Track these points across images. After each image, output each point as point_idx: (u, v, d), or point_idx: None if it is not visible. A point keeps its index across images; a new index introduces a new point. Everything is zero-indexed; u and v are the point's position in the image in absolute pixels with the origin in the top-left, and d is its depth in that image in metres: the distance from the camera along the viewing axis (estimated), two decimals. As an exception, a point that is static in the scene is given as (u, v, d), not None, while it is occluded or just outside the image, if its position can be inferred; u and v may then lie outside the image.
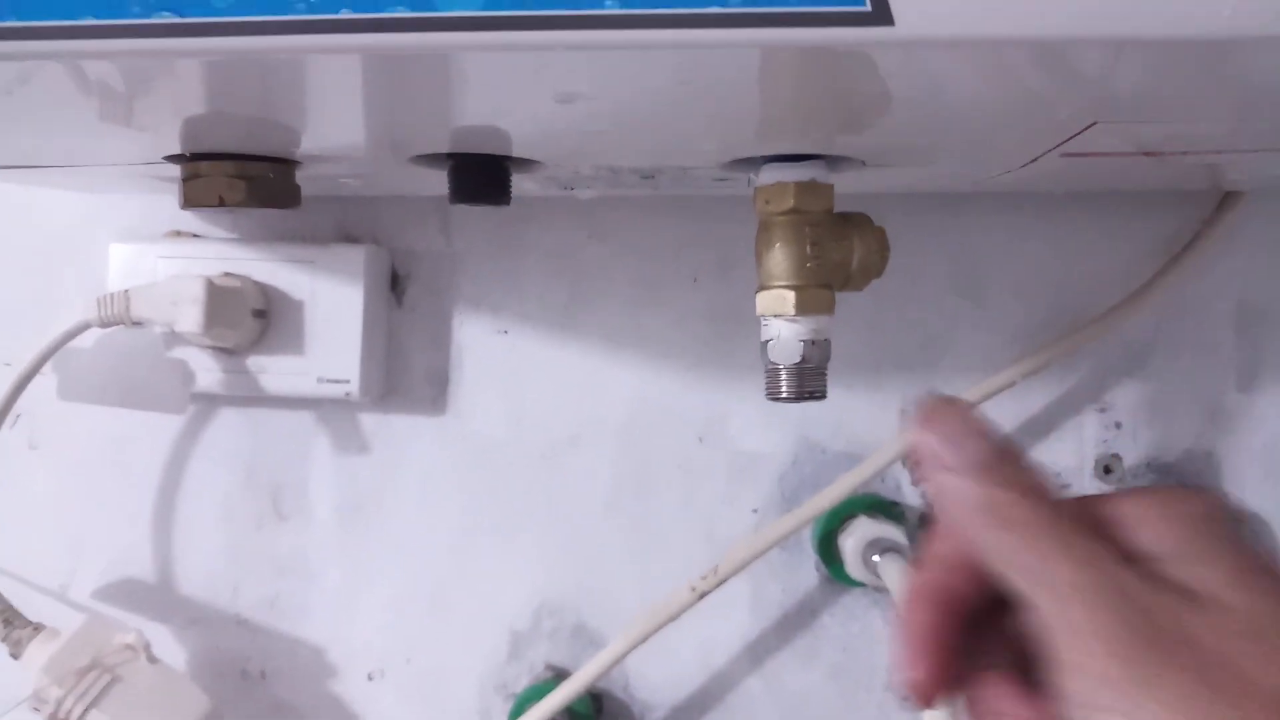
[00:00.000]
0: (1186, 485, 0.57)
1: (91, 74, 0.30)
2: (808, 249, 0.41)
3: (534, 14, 0.26)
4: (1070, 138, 0.36)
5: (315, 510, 0.62)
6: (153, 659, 0.55)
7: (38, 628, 0.56)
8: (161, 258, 0.59)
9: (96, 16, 0.27)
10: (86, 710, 0.52)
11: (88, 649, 0.54)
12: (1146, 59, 0.28)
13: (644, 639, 0.54)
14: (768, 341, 0.42)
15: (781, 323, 0.41)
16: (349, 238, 0.61)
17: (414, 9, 0.26)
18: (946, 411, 0.32)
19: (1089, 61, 0.28)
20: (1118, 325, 0.56)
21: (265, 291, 0.58)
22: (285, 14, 0.27)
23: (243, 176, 0.42)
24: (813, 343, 0.41)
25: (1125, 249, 0.57)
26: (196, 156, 0.42)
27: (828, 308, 0.41)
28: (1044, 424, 0.58)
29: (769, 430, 0.59)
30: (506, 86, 0.31)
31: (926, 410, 0.32)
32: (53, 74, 0.30)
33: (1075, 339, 0.56)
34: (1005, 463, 0.30)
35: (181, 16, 0.27)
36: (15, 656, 0.55)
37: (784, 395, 0.41)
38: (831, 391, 0.44)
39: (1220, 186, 0.55)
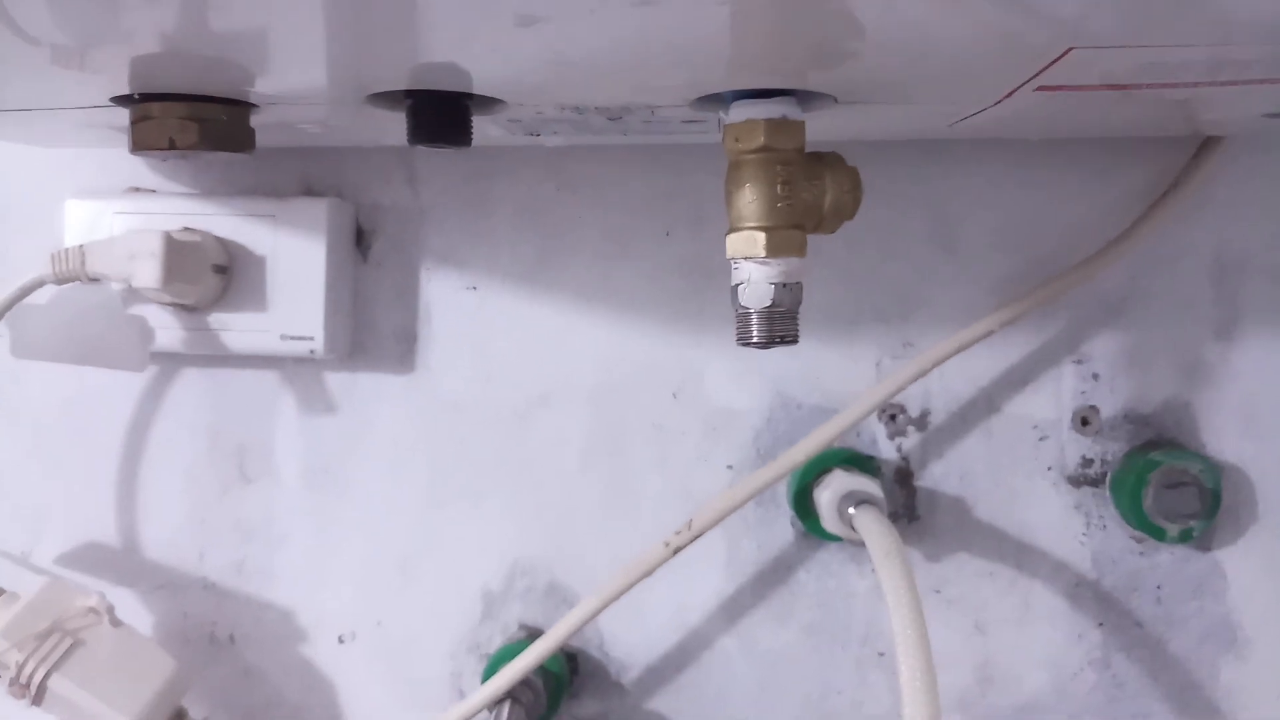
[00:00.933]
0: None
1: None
2: (779, 189, 0.40)
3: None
4: (1046, 67, 0.35)
5: (282, 472, 0.60)
6: (116, 622, 0.54)
7: (-3, 592, 0.54)
8: (119, 213, 0.57)
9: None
10: (48, 674, 0.51)
11: (48, 612, 0.53)
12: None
13: (618, 595, 0.53)
14: (738, 285, 0.41)
15: (752, 265, 0.40)
16: (312, 191, 0.59)
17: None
18: None
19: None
20: (1095, 275, 0.56)
21: (226, 247, 0.56)
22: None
23: (195, 118, 0.41)
24: (784, 285, 0.40)
25: (1103, 197, 0.57)
26: (146, 98, 0.41)
27: (799, 249, 0.40)
28: (1021, 375, 0.57)
29: (744, 386, 0.59)
30: (466, 5, 0.29)
31: None
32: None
33: (1052, 289, 0.55)
34: None
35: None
36: (-27, 621, 0.53)
37: (754, 340, 0.41)
38: (805, 345, 0.44)
39: (1199, 131, 0.55)
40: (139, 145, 0.40)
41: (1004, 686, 0.58)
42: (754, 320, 0.40)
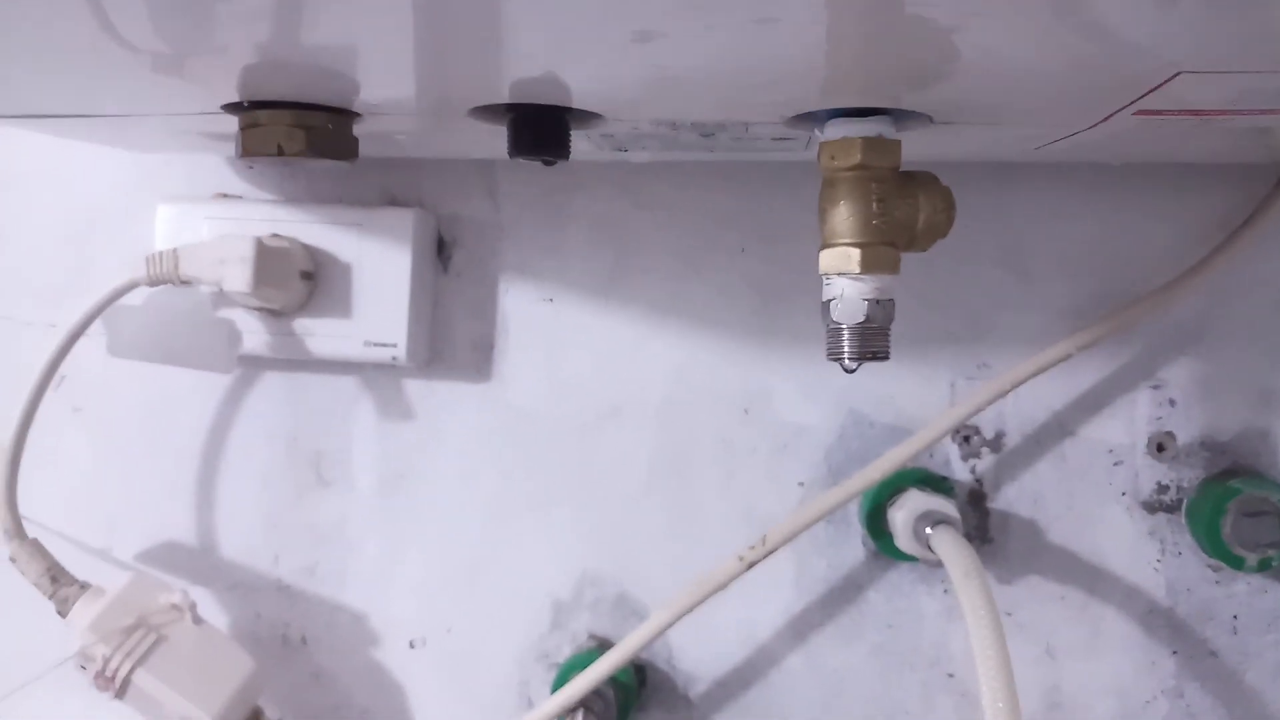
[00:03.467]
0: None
1: (165, 14, 0.30)
2: (873, 206, 0.40)
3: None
4: (1150, 90, 0.35)
5: (357, 477, 0.61)
6: (198, 620, 0.55)
7: (84, 586, 0.56)
8: (208, 218, 0.59)
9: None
10: (133, 669, 0.52)
11: (133, 608, 0.54)
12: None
13: (690, 609, 0.54)
14: (830, 300, 0.41)
15: (845, 281, 0.40)
16: (395, 202, 0.60)
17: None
18: None
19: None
20: (1172, 302, 0.56)
21: (312, 253, 0.57)
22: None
23: (301, 126, 0.42)
24: (877, 302, 0.40)
25: (1180, 224, 0.56)
26: (255, 105, 0.42)
27: (892, 267, 0.41)
28: (1096, 400, 0.57)
29: (815, 404, 0.59)
30: (586, 20, 0.30)
31: None
32: (134, 12, 0.30)
33: (1129, 314, 0.55)
34: None
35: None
36: (62, 614, 0.55)
37: (846, 355, 0.41)
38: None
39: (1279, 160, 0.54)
40: (248, 151, 0.42)
41: (1073, 713, 0.57)
42: (846, 335, 0.41)
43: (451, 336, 0.61)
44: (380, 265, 0.57)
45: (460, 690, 0.61)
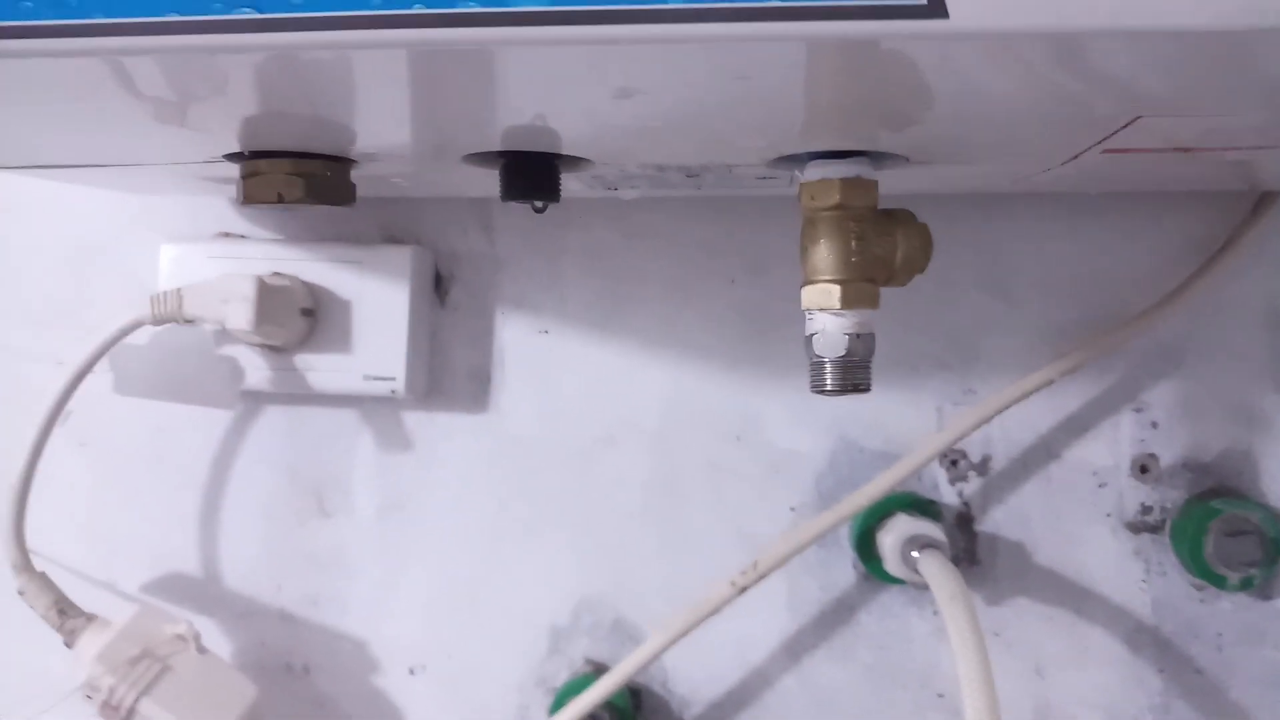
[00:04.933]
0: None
1: (172, 70, 0.32)
2: (852, 244, 0.42)
3: (598, 9, 0.27)
4: (1114, 133, 0.37)
5: (358, 507, 0.63)
6: (202, 649, 0.56)
7: (90, 618, 0.57)
8: (211, 258, 0.60)
9: (180, 13, 0.28)
10: (138, 698, 0.53)
11: (139, 639, 0.55)
12: (1189, 49, 0.28)
13: (685, 633, 0.55)
14: (812, 335, 0.42)
15: (827, 316, 0.42)
16: (393, 239, 0.62)
17: (485, 4, 0.27)
18: None
19: (1142, 52, 0.29)
20: (1153, 326, 0.57)
21: (313, 291, 0.59)
22: (360, 9, 0.28)
23: (300, 174, 0.43)
24: (858, 336, 0.42)
25: (1158, 251, 0.58)
26: (255, 155, 0.44)
27: (872, 302, 0.42)
28: (1081, 423, 0.58)
29: (805, 430, 0.60)
30: (568, 80, 0.32)
31: None
32: (145, 70, 0.31)
33: (1111, 339, 0.56)
34: None
35: (260, 12, 0.28)
36: (69, 645, 0.56)
37: (829, 388, 0.42)
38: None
39: (1256, 187, 0.56)
40: (249, 199, 0.43)
41: (1063, 730, 0.59)
42: (829, 369, 0.42)
43: (450, 368, 0.62)
44: (379, 301, 0.58)
45: (460, 716, 0.62)
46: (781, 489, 0.60)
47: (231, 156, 0.45)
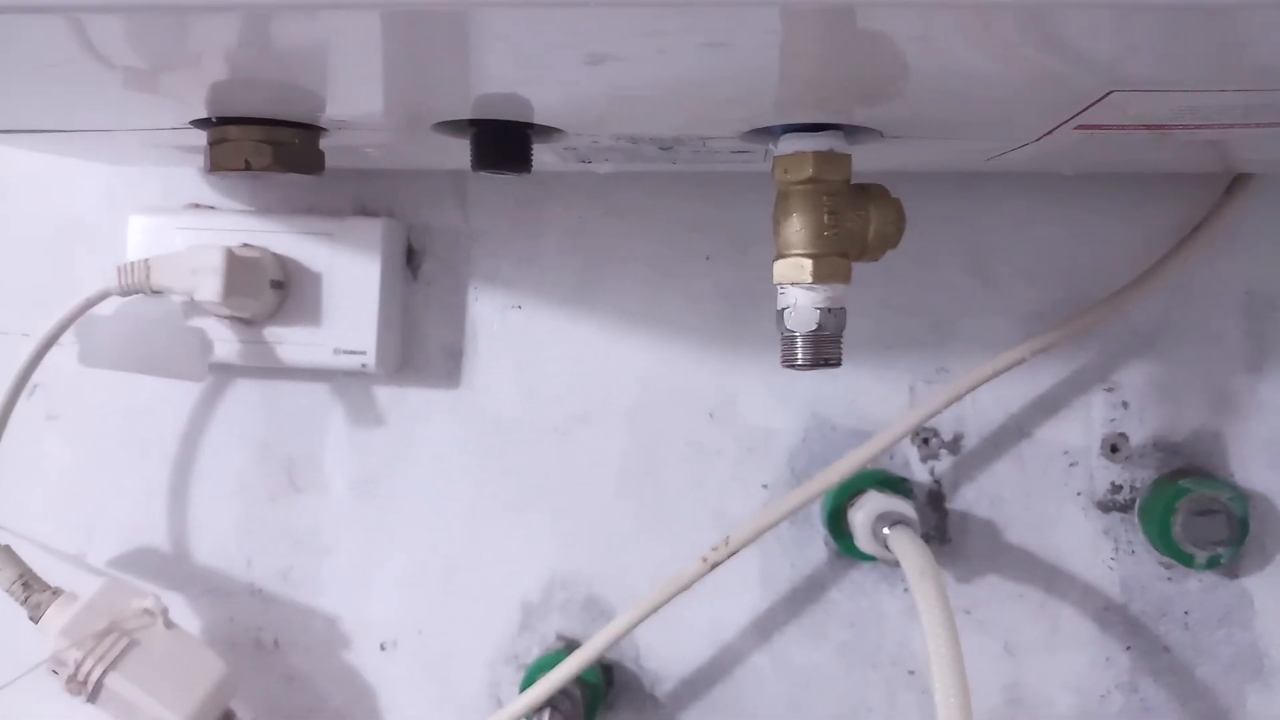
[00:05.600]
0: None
1: (139, 32, 0.31)
2: (825, 218, 0.41)
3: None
4: (1086, 108, 0.37)
5: (330, 483, 0.62)
6: (169, 624, 0.56)
7: (56, 592, 0.56)
8: (180, 229, 0.60)
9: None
10: (105, 672, 0.53)
11: (106, 613, 0.55)
12: (1155, 23, 0.28)
13: (655, 609, 0.55)
14: (784, 309, 0.42)
15: (798, 290, 0.42)
16: (366, 212, 0.61)
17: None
18: None
19: (1113, 23, 0.28)
20: (1126, 307, 0.57)
21: (283, 263, 0.58)
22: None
23: (269, 141, 0.43)
24: (829, 310, 0.42)
25: (1135, 231, 0.58)
26: (223, 121, 0.43)
27: (844, 277, 0.42)
28: (1053, 403, 0.59)
29: (780, 408, 0.60)
30: (538, 45, 0.31)
31: None
32: (110, 31, 0.31)
33: (1084, 320, 0.57)
34: None
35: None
36: (34, 620, 0.55)
37: (800, 362, 0.42)
38: (842, 369, 0.45)
39: (1231, 169, 0.56)
40: (216, 166, 0.43)
41: (1032, 708, 0.59)
42: (799, 343, 0.42)
43: (422, 343, 0.62)
44: (350, 274, 0.58)
45: (431, 692, 0.62)
46: (755, 467, 0.60)
47: (200, 123, 0.44)
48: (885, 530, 0.53)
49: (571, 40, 0.31)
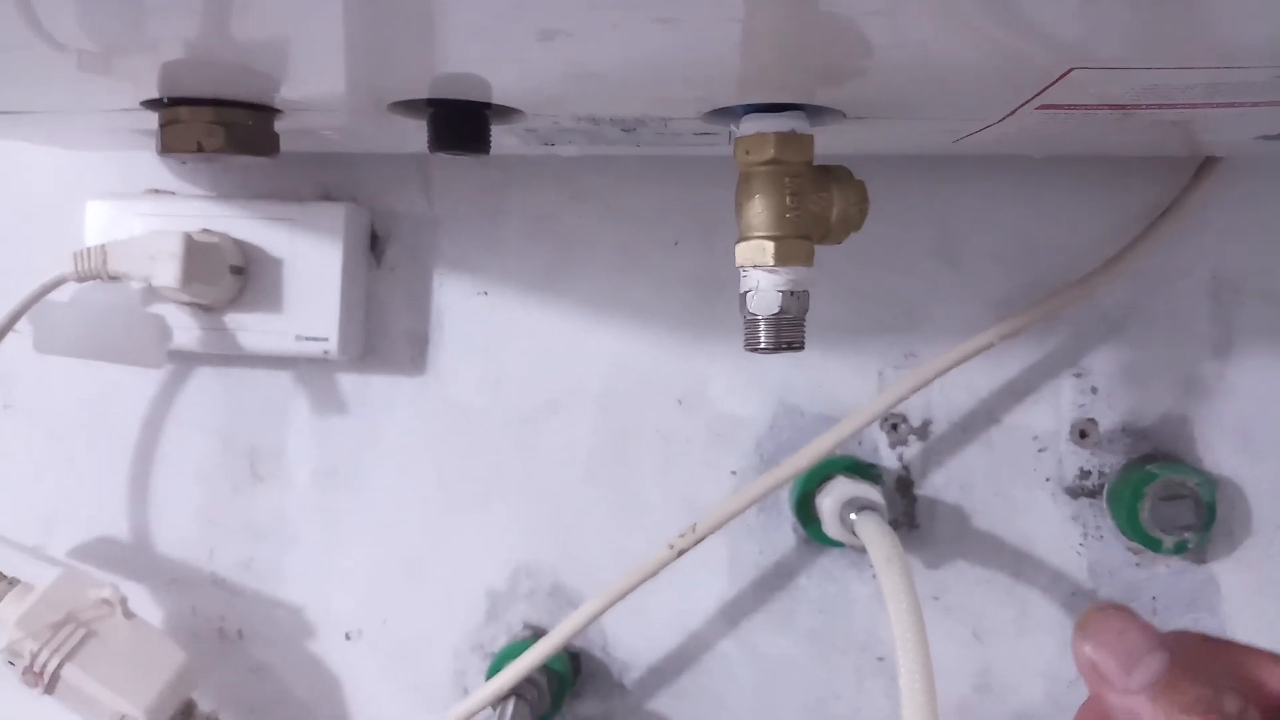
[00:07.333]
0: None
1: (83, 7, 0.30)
2: (787, 200, 0.41)
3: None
4: (1048, 86, 0.36)
5: (293, 472, 0.61)
6: (128, 614, 0.55)
7: (12, 582, 0.55)
8: (139, 215, 0.58)
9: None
10: (62, 664, 0.52)
11: (63, 603, 0.54)
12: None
13: (622, 596, 0.54)
14: (746, 292, 0.42)
15: (760, 273, 0.41)
16: (328, 197, 0.60)
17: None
18: (1111, 624, 0.31)
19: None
20: (1094, 292, 0.57)
21: (243, 248, 0.57)
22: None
23: (221, 123, 0.42)
24: (791, 293, 0.41)
25: (1103, 215, 0.58)
26: (175, 102, 0.42)
27: (807, 259, 0.41)
28: (1021, 388, 0.58)
29: (748, 394, 0.60)
30: (489, 19, 0.31)
31: (1090, 622, 0.31)
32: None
33: (1052, 304, 0.56)
34: (1180, 683, 0.30)
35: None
36: (-11, 611, 0.54)
37: (762, 346, 0.42)
38: (809, 355, 0.45)
39: (1199, 152, 0.56)
40: (167, 148, 0.42)
41: (1001, 695, 0.59)
42: (762, 326, 0.41)
43: (386, 330, 0.61)
44: (311, 260, 0.57)
45: (397, 681, 0.61)
46: (724, 454, 0.60)
47: (151, 104, 0.43)
48: (853, 516, 0.53)
49: (520, 13, 0.30)
